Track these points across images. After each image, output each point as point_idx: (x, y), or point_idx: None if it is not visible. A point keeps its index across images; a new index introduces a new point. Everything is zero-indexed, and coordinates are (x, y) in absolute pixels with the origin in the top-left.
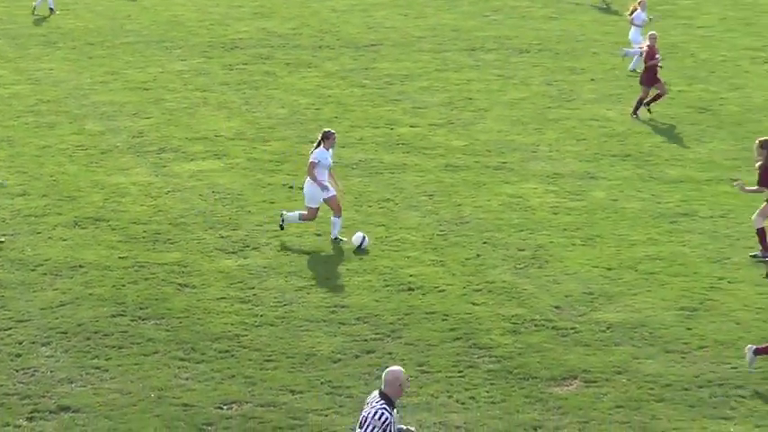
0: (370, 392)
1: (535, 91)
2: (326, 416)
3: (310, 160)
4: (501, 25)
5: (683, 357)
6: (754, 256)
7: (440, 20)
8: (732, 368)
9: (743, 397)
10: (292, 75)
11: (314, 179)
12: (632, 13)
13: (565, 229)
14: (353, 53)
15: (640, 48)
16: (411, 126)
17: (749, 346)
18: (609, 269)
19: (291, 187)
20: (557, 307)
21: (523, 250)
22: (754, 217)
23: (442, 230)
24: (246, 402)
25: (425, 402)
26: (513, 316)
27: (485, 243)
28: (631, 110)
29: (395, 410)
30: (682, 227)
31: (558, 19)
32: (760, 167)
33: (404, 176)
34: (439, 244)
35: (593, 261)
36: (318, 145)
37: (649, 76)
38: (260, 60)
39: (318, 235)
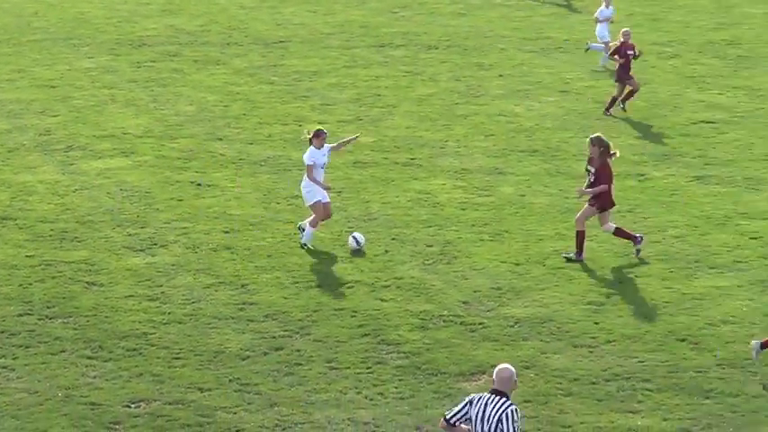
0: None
1: (443, 87)
2: (235, 413)
3: (306, 163)
4: (409, 22)
5: (590, 352)
6: (568, 259)
7: (348, 16)
8: (639, 362)
9: (650, 390)
10: (200, 72)
11: (314, 181)
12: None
13: (473, 225)
14: (262, 50)
15: (606, 43)
16: (319, 123)
17: (753, 341)
18: (517, 264)
19: (200, 184)
20: (465, 302)
21: (432, 246)
22: (577, 216)
23: (350, 227)
24: (155, 400)
25: (334, 398)
26: (421, 312)
27: (393, 239)
28: (604, 108)
29: None
30: (589, 222)
31: (467, 15)
32: (594, 165)
33: None
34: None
35: (502, 256)
36: (310, 144)
37: (624, 72)
38: (168, 58)
39: (226, 232)
